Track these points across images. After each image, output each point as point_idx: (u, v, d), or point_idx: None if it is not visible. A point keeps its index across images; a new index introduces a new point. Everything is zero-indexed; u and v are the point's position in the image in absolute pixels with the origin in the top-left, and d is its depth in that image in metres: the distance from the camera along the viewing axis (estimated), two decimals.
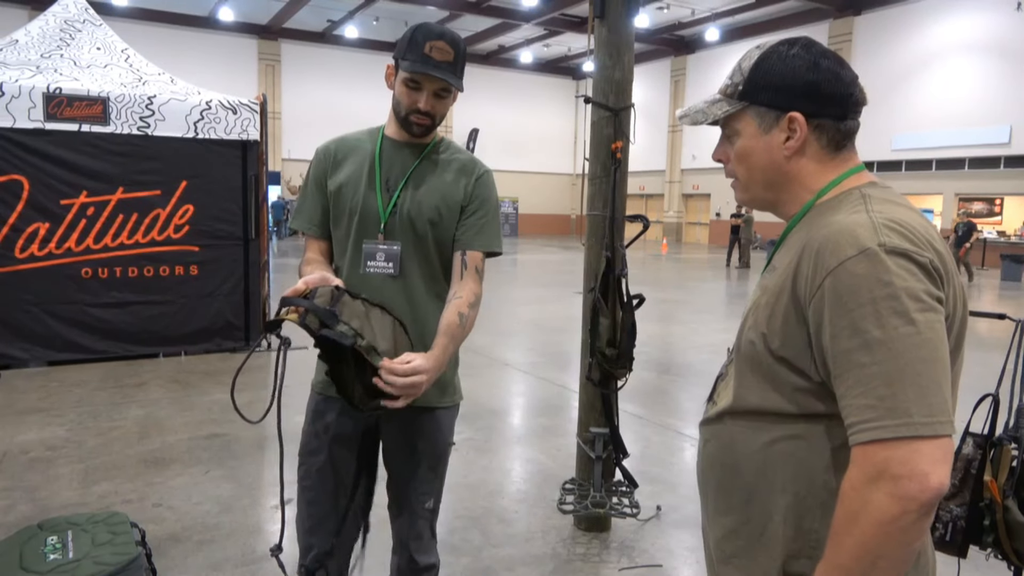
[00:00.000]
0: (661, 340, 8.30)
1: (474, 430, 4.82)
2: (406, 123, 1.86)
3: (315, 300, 1.61)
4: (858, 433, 0.97)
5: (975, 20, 19.72)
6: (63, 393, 5.43)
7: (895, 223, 1.02)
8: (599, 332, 3.26)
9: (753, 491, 1.15)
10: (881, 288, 0.96)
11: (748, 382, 1.14)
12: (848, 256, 0.99)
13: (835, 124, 1.14)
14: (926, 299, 0.97)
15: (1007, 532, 1.95)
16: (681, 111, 1.26)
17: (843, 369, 0.99)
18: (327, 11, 25.15)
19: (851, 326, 0.97)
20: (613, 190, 3.29)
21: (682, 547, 3.31)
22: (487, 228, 1.95)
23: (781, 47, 1.15)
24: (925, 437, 0.93)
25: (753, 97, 1.16)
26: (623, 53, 3.28)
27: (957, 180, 20.49)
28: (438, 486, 2.06)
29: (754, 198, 1.24)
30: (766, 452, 1.12)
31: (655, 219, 30.48)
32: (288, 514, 1.86)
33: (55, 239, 6.07)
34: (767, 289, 1.13)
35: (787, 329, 1.07)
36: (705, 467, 1.26)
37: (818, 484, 1.08)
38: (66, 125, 5.99)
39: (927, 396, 0.94)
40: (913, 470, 0.92)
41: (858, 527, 0.95)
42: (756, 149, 1.17)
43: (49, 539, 2.24)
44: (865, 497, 0.95)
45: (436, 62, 1.77)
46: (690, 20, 25.67)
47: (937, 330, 0.97)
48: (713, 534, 1.24)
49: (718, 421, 1.21)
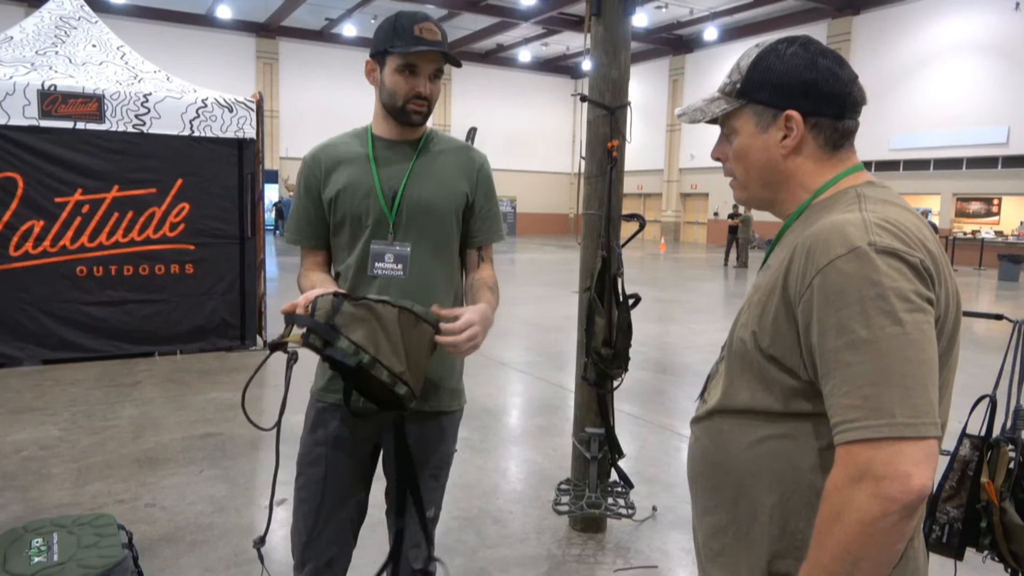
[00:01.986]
0: (658, 340, 8.29)
1: (470, 430, 4.80)
2: (403, 113, 1.80)
3: (316, 315, 1.55)
4: (842, 433, 0.96)
5: (973, 20, 19.73)
6: (57, 392, 5.40)
7: (887, 222, 1.01)
8: (595, 332, 3.24)
9: (740, 489, 1.14)
10: (869, 287, 0.95)
11: (738, 380, 1.14)
12: (838, 255, 0.98)
13: (833, 123, 1.13)
14: (915, 299, 0.96)
15: (1004, 534, 1.94)
16: (680, 109, 1.27)
17: (829, 368, 0.98)
18: (325, 9, 25.11)
19: (838, 325, 0.97)
20: (609, 189, 3.28)
21: (678, 548, 3.29)
22: (494, 221, 1.99)
23: (780, 45, 1.15)
24: (909, 438, 0.92)
25: (751, 95, 1.15)
26: (619, 52, 3.26)
27: (955, 180, 20.51)
28: (440, 495, 2.02)
29: (752, 197, 1.23)
30: (754, 450, 1.12)
31: (653, 218, 30.50)
32: (282, 515, 1.84)
33: (50, 237, 6.05)
34: (760, 287, 1.12)
35: (777, 327, 1.06)
36: (694, 465, 1.25)
37: (804, 484, 1.08)
38: (61, 123, 5.96)
39: (912, 397, 0.93)
40: (896, 471, 0.91)
41: (840, 527, 0.95)
42: (754, 147, 1.17)
43: (34, 541, 2.22)
44: (847, 497, 0.94)
45: (428, 42, 1.74)
46: (688, 19, 25.67)
47: (925, 331, 0.96)
48: (701, 532, 1.23)
49: (708, 419, 1.21)
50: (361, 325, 1.56)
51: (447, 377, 1.94)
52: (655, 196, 30.94)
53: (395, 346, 1.58)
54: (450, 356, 1.92)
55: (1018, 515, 1.92)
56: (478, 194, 1.93)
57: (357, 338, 1.54)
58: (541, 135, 33.79)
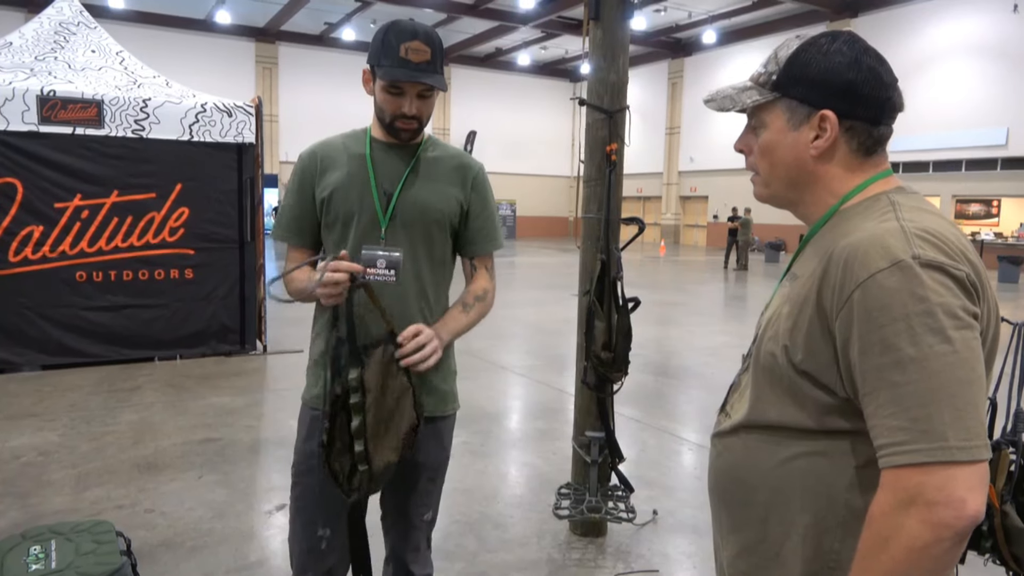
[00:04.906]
0: (658, 343, 8.28)
1: (470, 434, 4.79)
2: (392, 129, 1.80)
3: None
4: (890, 456, 0.92)
5: (972, 22, 19.77)
6: (56, 397, 5.40)
7: (928, 233, 0.96)
8: (594, 335, 3.24)
9: (770, 508, 1.10)
10: (916, 303, 0.91)
11: (767, 396, 1.09)
12: (879, 268, 0.93)
13: (868, 128, 1.08)
14: (963, 316, 0.92)
15: (1005, 537, 1.93)
16: (708, 95, 1.19)
17: (873, 387, 0.93)
18: (324, 14, 25.15)
19: (882, 342, 0.92)
20: (608, 192, 3.27)
21: (679, 552, 3.28)
22: (490, 230, 1.95)
23: (822, 40, 1.09)
24: (962, 462, 0.88)
25: (786, 90, 1.10)
26: (618, 55, 3.26)
27: (954, 182, 20.52)
28: (436, 497, 2.02)
29: (774, 195, 1.18)
30: (784, 468, 1.07)
31: (652, 221, 30.50)
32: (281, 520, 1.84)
33: (49, 242, 6.04)
34: (789, 298, 1.07)
35: (811, 342, 1.01)
36: (718, 481, 1.20)
37: (839, 503, 1.04)
38: (60, 128, 5.96)
39: (964, 419, 0.89)
40: (949, 496, 0.87)
41: (888, 553, 0.91)
42: (782, 144, 1.11)
43: (32, 548, 2.21)
44: (897, 523, 0.90)
45: (414, 64, 1.70)
46: (687, 23, 25.69)
47: (974, 348, 0.92)
48: (727, 551, 1.19)
49: (732, 434, 1.16)
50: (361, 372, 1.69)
51: (440, 381, 1.94)
52: (654, 199, 30.94)
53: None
54: (444, 360, 1.95)
55: (1019, 518, 1.92)
56: (473, 202, 1.91)
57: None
58: (540, 138, 33.82)
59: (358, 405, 1.65)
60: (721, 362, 7.31)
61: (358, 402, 1.65)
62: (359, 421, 1.65)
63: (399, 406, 1.71)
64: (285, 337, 7.37)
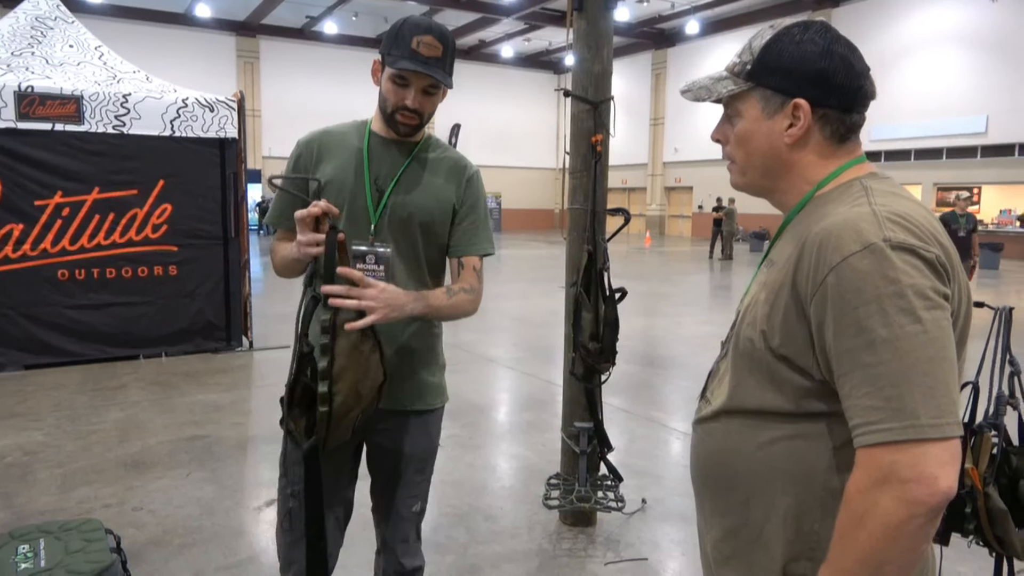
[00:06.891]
0: (645, 333, 8.32)
1: (459, 427, 4.80)
2: (392, 121, 1.79)
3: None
4: (863, 435, 0.94)
5: (952, 11, 19.93)
6: (40, 397, 5.34)
7: (899, 216, 0.99)
8: (581, 326, 3.25)
9: (751, 492, 1.11)
10: (887, 285, 0.93)
11: (746, 381, 1.11)
12: (852, 251, 0.96)
13: (840, 116, 1.10)
14: (933, 296, 0.94)
15: (988, 519, 1.96)
16: (685, 85, 1.21)
17: (847, 368, 0.96)
18: (305, 7, 24.93)
19: (855, 324, 0.94)
20: (594, 183, 3.28)
21: (668, 540, 3.31)
22: (479, 232, 1.93)
23: (795, 29, 1.11)
24: (933, 439, 0.90)
25: (760, 79, 1.12)
26: (602, 46, 3.26)
27: (935, 170, 20.71)
28: (425, 488, 2.02)
29: (750, 183, 1.20)
30: (765, 451, 1.09)
31: (638, 213, 30.57)
32: (270, 515, 1.83)
33: (29, 240, 5.97)
34: (766, 284, 1.09)
35: (787, 326, 1.03)
36: (700, 467, 1.22)
37: (818, 484, 1.05)
38: (39, 124, 5.88)
39: (935, 397, 0.91)
40: (921, 473, 0.89)
41: (864, 531, 0.93)
42: (757, 133, 1.13)
43: (20, 548, 2.19)
44: (871, 501, 0.92)
45: (424, 58, 1.71)
46: (670, 13, 25.71)
47: (944, 328, 0.94)
48: (710, 535, 1.20)
49: (713, 420, 1.18)
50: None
51: (429, 374, 1.94)
52: (639, 190, 31.00)
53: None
54: (431, 353, 1.95)
55: (1001, 500, 1.95)
56: (464, 203, 1.91)
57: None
58: (525, 131, 33.76)
59: (326, 346, 1.61)
60: (707, 351, 7.35)
61: (326, 343, 1.61)
62: (325, 362, 1.61)
63: (368, 363, 1.67)
64: (271, 333, 7.33)
